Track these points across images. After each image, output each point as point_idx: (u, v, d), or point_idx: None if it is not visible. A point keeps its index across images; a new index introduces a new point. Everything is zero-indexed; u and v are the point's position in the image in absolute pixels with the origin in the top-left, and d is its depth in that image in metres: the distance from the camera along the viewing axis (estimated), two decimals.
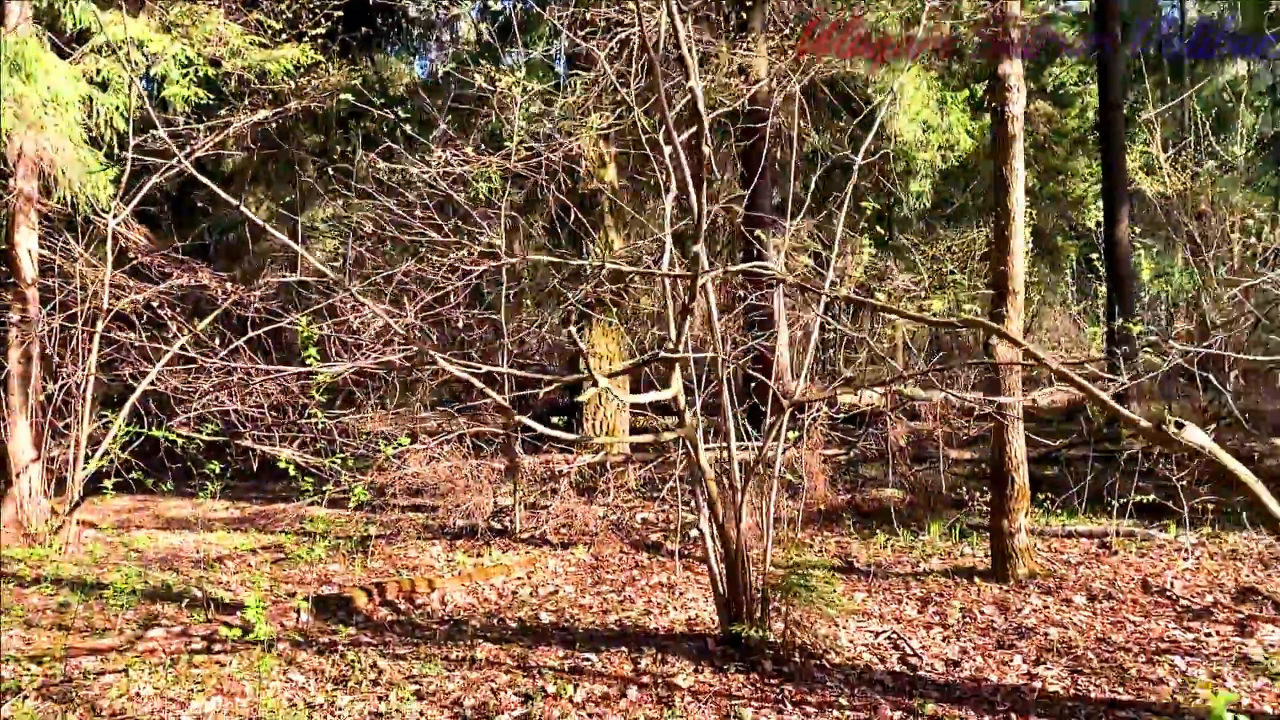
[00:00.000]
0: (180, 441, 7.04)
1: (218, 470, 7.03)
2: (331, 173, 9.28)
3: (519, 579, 7.41)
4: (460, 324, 7.36)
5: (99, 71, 8.50)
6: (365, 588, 6.84)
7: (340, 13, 8.02)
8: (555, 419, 10.97)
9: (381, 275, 7.99)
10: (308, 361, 6.54)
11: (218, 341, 7.99)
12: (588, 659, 5.45)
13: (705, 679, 5.10)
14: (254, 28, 9.13)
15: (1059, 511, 8.73)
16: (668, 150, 6.10)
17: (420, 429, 8.10)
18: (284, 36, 8.84)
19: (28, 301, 9.53)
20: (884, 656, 5.44)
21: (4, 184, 9.21)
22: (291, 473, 6.12)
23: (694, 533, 8.39)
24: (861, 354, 9.34)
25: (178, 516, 10.35)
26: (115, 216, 8.66)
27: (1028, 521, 6.92)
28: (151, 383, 8.20)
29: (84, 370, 8.82)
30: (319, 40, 9.03)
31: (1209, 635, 5.63)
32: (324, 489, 7.29)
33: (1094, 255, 18.95)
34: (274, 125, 9.51)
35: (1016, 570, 6.81)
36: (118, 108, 7.39)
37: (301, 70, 9.18)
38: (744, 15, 9.98)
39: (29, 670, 5.25)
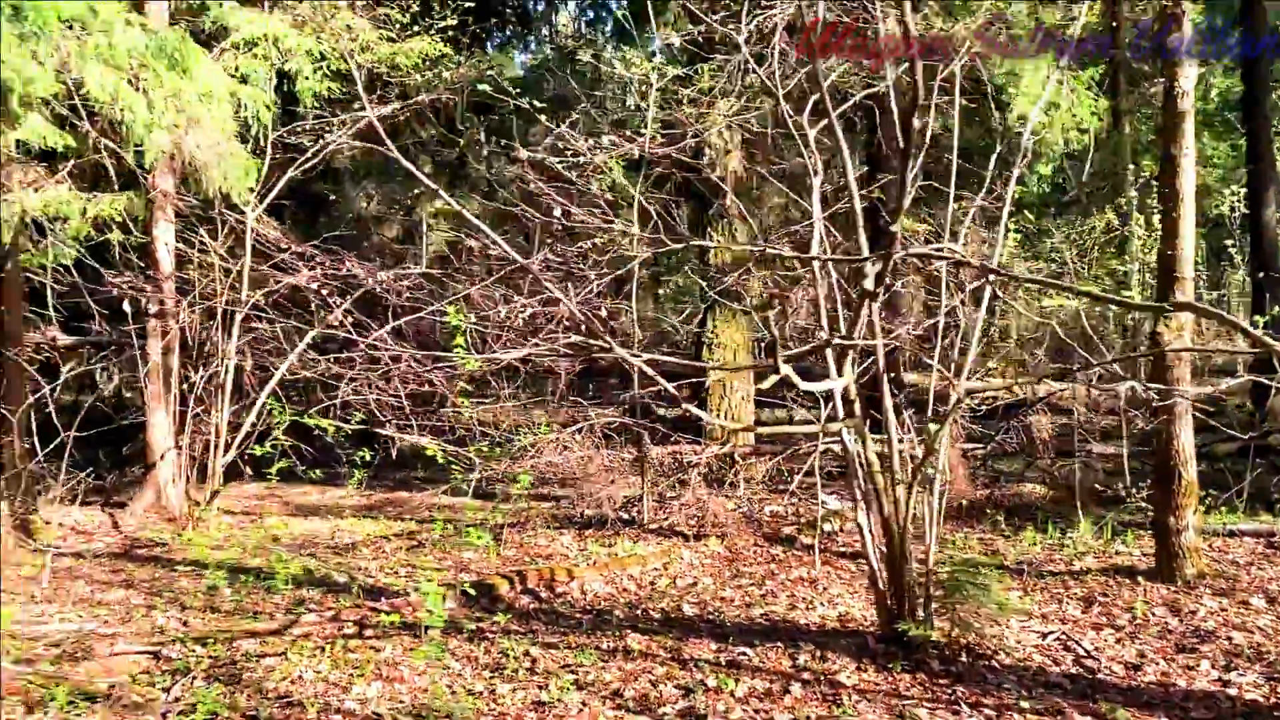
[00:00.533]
0: (326, 429, 7.13)
1: (366, 458, 7.10)
2: (456, 162, 9.39)
3: (655, 570, 7.32)
4: (604, 312, 7.30)
5: (237, 68, 8.69)
6: (507, 575, 6.83)
7: (471, 3, 8.04)
8: (667, 410, 10.88)
9: (509, 265, 7.98)
10: (455, 351, 6.55)
11: (354, 331, 8.09)
12: (743, 653, 5.32)
13: (869, 677, 4.92)
14: (383, 21, 9.23)
15: (1220, 509, 8.26)
16: (813, 132, 5.92)
17: (552, 419, 8.08)
18: (414, 29, 8.92)
19: (166, 294, 9.83)
20: (1057, 658, 5.17)
21: (143, 180, 9.51)
22: (440, 460, 6.11)
23: (828, 526, 8.20)
24: (1001, 344, 9.00)
25: (306, 503, 10.56)
26: (253, 210, 8.85)
27: (1196, 519, 6.53)
28: (293, 371, 8.35)
29: (223, 359, 9.05)
30: (447, 33, 9.09)
31: None
32: (469, 477, 7.30)
33: (1228, 243, 18.02)
34: (398, 118, 9.60)
35: (1184, 570, 6.43)
36: (264, 103, 7.52)
37: (428, 63, 9.25)
38: None
39: (194, 651, 5.35)
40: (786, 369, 3.93)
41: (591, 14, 17.48)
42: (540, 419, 8.31)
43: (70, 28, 6.19)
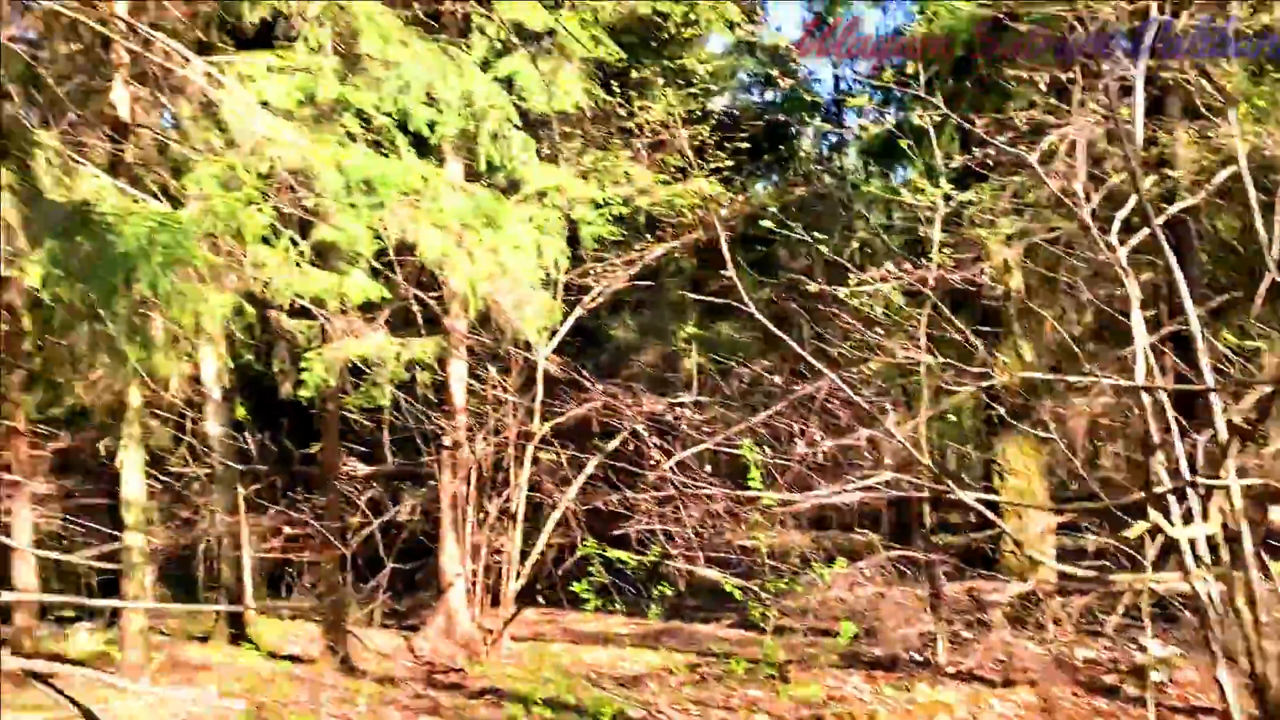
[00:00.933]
0: (619, 559, 7.28)
1: (666, 592, 7.17)
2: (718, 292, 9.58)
3: None
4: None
5: (530, 217, 9.38)
6: None
7: (747, 144, 8.39)
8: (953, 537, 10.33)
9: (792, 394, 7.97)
10: (751, 484, 6.55)
11: (641, 461, 8.29)
12: None
13: None
14: (659, 165, 9.75)
15: None
16: (1123, 251, 5.61)
17: (838, 549, 7.88)
18: (693, 170, 9.36)
19: (458, 426, 10.53)
20: None
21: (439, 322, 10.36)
22: (737, 596, 6.07)
23: (1157, 676, 7.40)
24: None
25: (585, 630, 10.74)
26: (544, 347, 9.40)
27: None
28: (582, 501, 8.64)
29: (514, 489, 9.52)
30: (721, 172, 9.49)
31: None
32: (756, 610, 7.19)
33: None
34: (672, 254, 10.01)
35: None
36: (562, 251, 8.08)
37: (705, 200, 9.65)
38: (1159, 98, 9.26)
39: None
40: (1157, 516, 3.61)
41: (834, 139, 17.78)
42: (824, 549, 8.11)
43: (406, 195, 6.90)
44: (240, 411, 10.71)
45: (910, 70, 6.98)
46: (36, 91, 8.38)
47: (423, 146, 9.53)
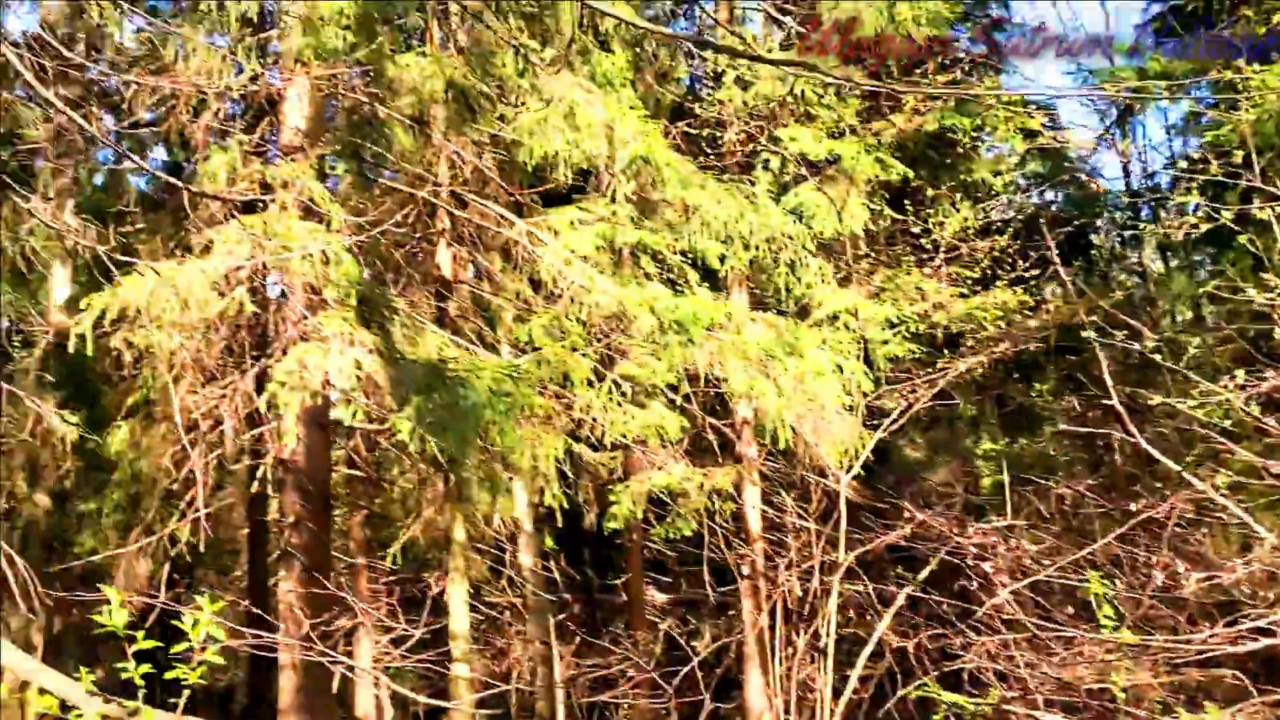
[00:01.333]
0: (951, 704, 6.77)
1: None
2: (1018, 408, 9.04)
3: None
4: None
5: (823, 341, 9.32)
6: None
7: (1048, 249, 7.97)
8: None
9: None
10: (1103, 625, 5.95)
11: (960, 594, 7.77)
12: None
13: None
14: (954, 279, 9.47)
15: None
16: None
17: (1202, 693, 6.90)
18: (992, 281, 9.02)
19: (756, 555, 10.40)
20: None
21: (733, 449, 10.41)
22: None
23: None
24: None
25: None
26: (846, 473, 9.18)
27: None
28: (896, 635, 8.19)
29: (822, 621, 9.18)
30: (1024, 281, 9.07)
31: None
32: None
33: None
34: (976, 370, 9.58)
35: None
36: (863, 374, 7.94)
37: (1007, 311, 9.24)
38: None
39: None
40: None
41: (1137, 236, 16.58)
42: (1187, 691, 7.13)
43: (710, 330, 7.05)
44: (548, 542, 11.15)
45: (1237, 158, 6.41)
46: (378, 260, 9.44)
47: (710, 279, 9.83)
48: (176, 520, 7.35)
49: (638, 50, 10.56)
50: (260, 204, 6.00)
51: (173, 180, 5.91)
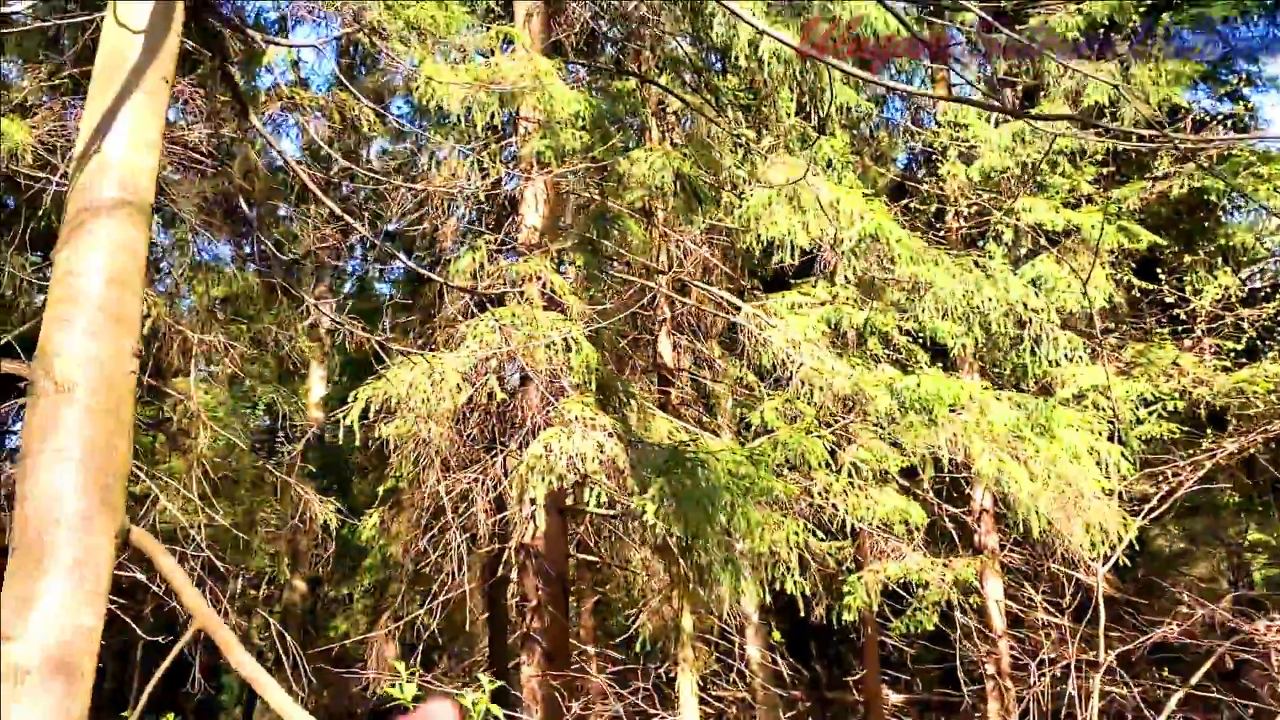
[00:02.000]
0: None
1: None
2: None
3: None
4: None
5: (1072, 422, 8.71)
6: None
7: None
8: None
9: None
10: None
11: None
12: None
13: None
14: (1215, 351, 8.67)
15: None
16: None
17: None
18: (1265, 353, 8.19)
19: (1001, 653, 9.68)
20: None
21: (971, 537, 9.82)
22: None
23: None
24: None
25: None
26: (1103, 565, 8.45)
27: None
28: None
29: None
30: None
31: None
32: None
33: None
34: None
35: None
36: (1121, 455, 7.32)
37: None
38: None
39: None
40: None
41: None
42: None
43: (952, 410, 6.73)
44: (775, 635, 10.82)
45: None
46: (605, 348, 9.71)
47: (940, 358, 9.45)
48: (422, 607, 7.65)
49: (854, 132, 10.55)
50: (505, 297, 6.30)
51: (429, 274, 6.30)
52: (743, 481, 5.47)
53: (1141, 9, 9.24)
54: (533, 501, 5.77)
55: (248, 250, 8.88)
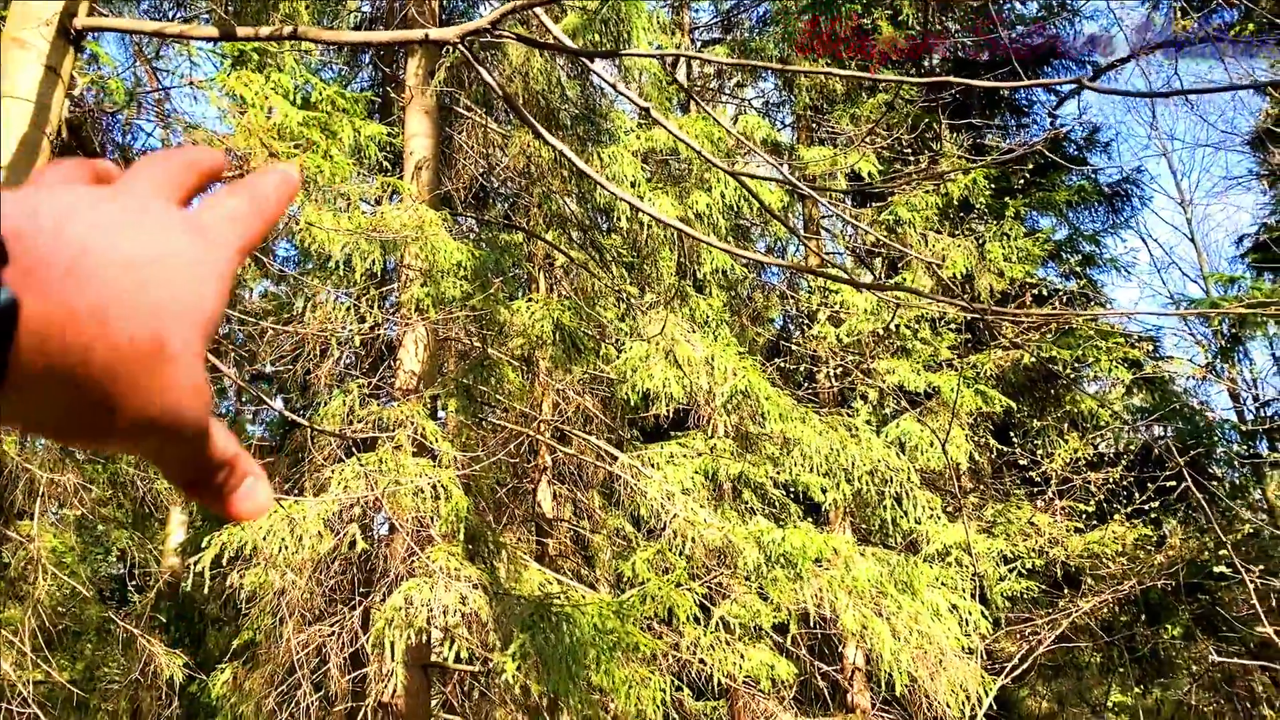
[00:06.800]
0: None
1: None
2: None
3: None
4: None
5: (936, 578, 8.92)
6: None
7: (1171, 482, 7.63)
8: None
9: None
10: None
11: None
12: None
13: None
14: (1068, 513, 9.09)
15: None
16: None
17: None
18: (1112, 516, 8.61)
19: None
20: None
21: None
22: None
23: None
24: None
25: None
26: None
27: None
28: None
29: None
30: (1146, 514, 8.63)
31: None
32: None
33: None
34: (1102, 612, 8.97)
35: None
36: (980, 614, 7.51)
37: (1130, 548, 8.74)
38: None
39: None
40: None
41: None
42: None
43: (818, 564, 6.84)
44: None
45: None
46: (480, 498, 9.59)
47: (813, 513, 9.64)
48: None
49: (732, 293, 11.00)
50: (376, 443, 6.22)
51: (297, 419, 6.17)
52: (610, 636, 5.39)
53: (990, 190, 10.07)
54: (393, 657, 5.54)
55: None
